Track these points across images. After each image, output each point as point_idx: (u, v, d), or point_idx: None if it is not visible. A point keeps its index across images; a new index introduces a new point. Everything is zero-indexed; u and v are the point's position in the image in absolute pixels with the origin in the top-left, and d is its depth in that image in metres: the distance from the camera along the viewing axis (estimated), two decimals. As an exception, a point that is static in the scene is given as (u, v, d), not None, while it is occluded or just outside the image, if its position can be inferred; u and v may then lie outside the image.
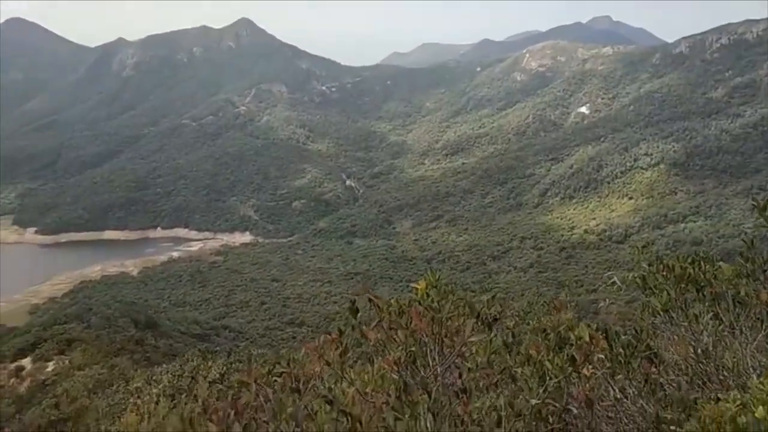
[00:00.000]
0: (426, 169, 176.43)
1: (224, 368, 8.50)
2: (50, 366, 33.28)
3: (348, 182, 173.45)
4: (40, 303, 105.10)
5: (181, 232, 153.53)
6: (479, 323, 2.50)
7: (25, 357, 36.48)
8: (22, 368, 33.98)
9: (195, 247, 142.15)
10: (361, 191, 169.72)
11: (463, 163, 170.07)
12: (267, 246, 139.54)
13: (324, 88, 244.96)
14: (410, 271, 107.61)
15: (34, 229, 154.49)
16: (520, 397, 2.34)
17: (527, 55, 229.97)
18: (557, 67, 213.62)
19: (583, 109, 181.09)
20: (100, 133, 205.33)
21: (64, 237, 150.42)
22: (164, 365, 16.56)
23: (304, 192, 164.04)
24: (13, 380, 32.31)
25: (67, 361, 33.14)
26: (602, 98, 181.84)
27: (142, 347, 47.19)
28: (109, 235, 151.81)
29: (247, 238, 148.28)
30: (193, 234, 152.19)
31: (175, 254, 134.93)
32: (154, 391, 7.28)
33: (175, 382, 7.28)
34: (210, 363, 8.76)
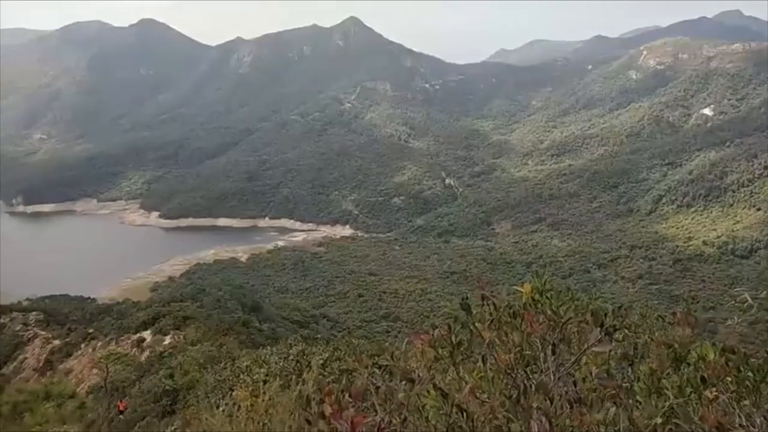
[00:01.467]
0: (529, 169, 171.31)
1: (328, 355, 8.83)
2: (167, 339, 36.23)
3: (447, 180, 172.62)
4: (160, 281, 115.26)
5: (286, 222, 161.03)
6: (602, 333, 2.40)
7: (146, 330, 39.96)
8: (143, 339, 37.28)
9: (299, 237, 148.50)
10: (460, 190, 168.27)
11: (570, 165, 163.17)
12: (366, 240, 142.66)
13: (427, 85, 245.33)
14: (508, 274, 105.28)
15: (158, 213, 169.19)
16: (639, 414, 2.19)
17: (645, 52, 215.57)
18: (678, 66, 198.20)
19: (707, 111, 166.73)
20: (218, 127, 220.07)
21: (183, 222, 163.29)
22: (268, 347, 17.40)
23: (403, 189, 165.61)
24: (135, 350, 35.63)
25: (181, 337, 35.88)
26: (729, 99, 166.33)
27: (247, 329, 49.93)
28: (222, 222, 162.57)
29: (347, 231, 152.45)
30: (298, 225, 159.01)
31: (281, 243, 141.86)
32: (262, 370, 7.73)
33: (281, 363, 7.70)
34: (314, 349, 9.14)
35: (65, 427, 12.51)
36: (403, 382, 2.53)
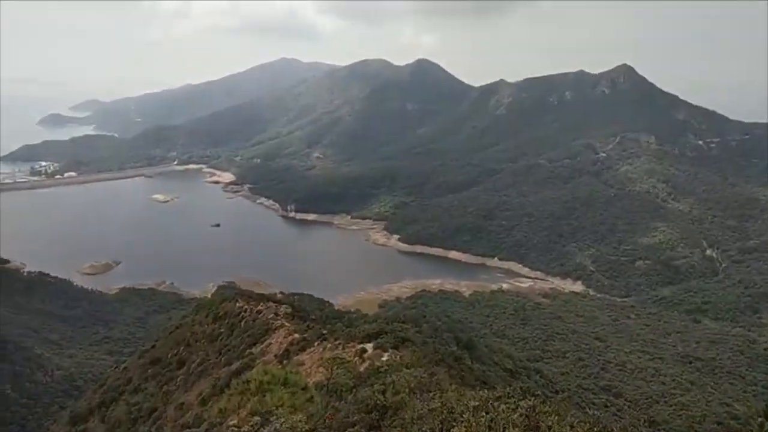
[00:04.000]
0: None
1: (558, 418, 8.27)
2: (385, 356, 38.39)
3: (708, 251, 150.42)
4: (388, 299, 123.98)
5: (514, 266, 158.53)
6: None
7: (369, 342, 43.01)
8: (365, 351, 40.13)
9: (525, 284, 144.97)
10: (723, 265, 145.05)
11: None
12: (597, 300, 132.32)
13: (700, 142, 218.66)
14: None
15: (398, 236, 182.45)
16: None
17: None
18: None
19: None
20: (466, 164, 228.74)
21: (418, 248, 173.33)
22: (486, 391, 17.32)
23: (651, 252, 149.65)
24: (356, 359, 38.65)
25: (398, 357, 37.77)
26: None
27: (458, 364, 50.21)
28: (453, 255, 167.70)
29: (578, 287, 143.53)
30: (526, 271, 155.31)
31: (505, 286, 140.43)
32: (489, 416, 7.85)
33: (509, 415, 7.70)
34: (545, 408, 8.75)
35: (298, 416, 14.03)
36: None
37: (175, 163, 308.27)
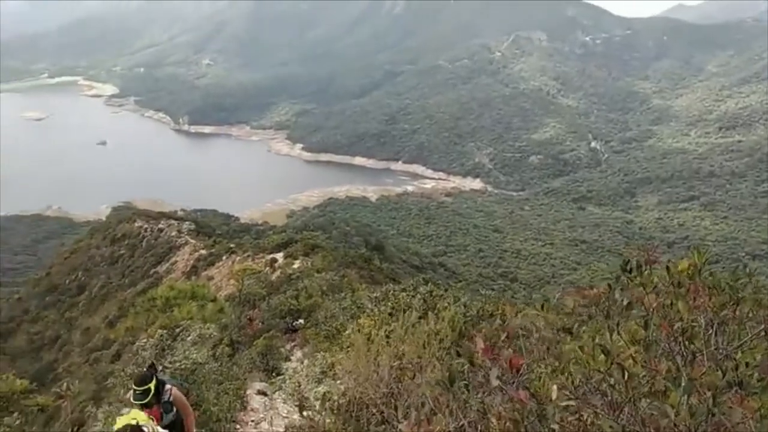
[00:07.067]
0: (690, 141, 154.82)
1: (454, 299, 8.96)
2: (296, 264, 38.99)
3: (593, 144, 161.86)
4: (296, 209, 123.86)
5: (418, 168, 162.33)
6: None
7: (279, 252, 43.26)
8: (275, 260, 40.52)
9: (428, 185, 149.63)
10: (606, 155, 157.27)
11: (740, 141, 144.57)
12: (495, 196, 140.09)
13: (587, 39, 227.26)
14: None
15: (302, 145, 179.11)
16: None
17: None
18: None
19: None
20: (366, 66, 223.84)
21: (323, 156, 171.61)
22: (390, 285, 18.17)
23: (543, 147, 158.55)
24: (268, 268, 38.87)
25: (309, 263, 38.42)
26: None
27: (368, 265, 52.04)
28: (358, 161, 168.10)
29: (477, 184, 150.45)
30: (429, 172, 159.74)
31: (410, 188, 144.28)
32: (390, 304, 8.15)
33: (409, 300, 8.07)
34: (440, 292, 9.37)
35: (207, 326, 13.97)
36: (562, 333, 2.53)
37: (45, 75, 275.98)
